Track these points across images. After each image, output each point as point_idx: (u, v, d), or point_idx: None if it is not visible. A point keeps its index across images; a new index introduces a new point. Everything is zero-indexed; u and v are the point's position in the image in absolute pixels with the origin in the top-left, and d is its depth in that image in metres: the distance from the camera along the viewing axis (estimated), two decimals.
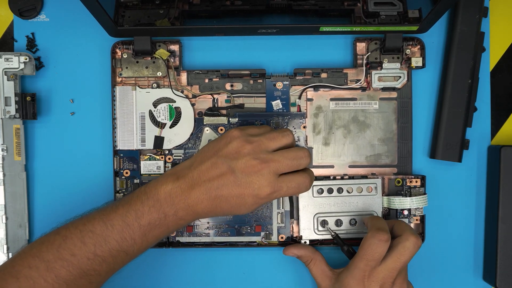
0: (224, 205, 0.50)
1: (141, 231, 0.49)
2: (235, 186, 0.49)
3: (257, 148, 0.50)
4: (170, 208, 0.49)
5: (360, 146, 0.59)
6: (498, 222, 0.57)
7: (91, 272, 0.48)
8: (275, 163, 0.50)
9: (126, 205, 0.49)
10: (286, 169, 0.50)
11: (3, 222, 0.57)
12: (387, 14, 0.57)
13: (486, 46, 0.60)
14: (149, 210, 0.49)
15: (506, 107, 0.61)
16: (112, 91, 0.58)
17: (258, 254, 0.60)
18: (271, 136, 0.51)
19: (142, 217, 0.49)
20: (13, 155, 0.58)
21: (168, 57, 0.58)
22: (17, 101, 0.57)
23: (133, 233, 0.49)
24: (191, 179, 0.50)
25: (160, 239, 0.51)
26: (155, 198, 0.49)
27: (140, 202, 0.49)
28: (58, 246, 0.48)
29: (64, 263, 0.47)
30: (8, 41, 0.60)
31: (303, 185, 0.51)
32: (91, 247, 0.48)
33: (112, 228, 0.48)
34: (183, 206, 0.49)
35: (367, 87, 0.59)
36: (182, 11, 0.58)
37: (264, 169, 0.49)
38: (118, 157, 0.58)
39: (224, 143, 0.51)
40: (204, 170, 0.50)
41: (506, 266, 0.57)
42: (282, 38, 0.60)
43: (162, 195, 0.49)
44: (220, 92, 0.59)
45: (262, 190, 0.49)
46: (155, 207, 0.49)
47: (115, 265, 0.49)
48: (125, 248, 0.49)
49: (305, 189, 0.52)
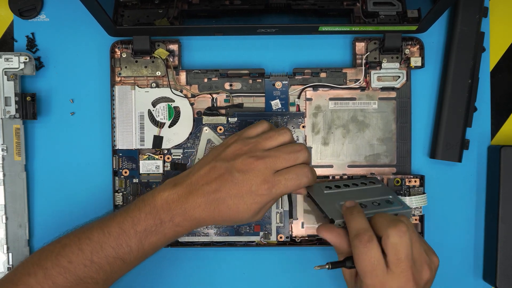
0: (223, 208, 0.49)
1: (137, 237, 0.48)
2: (232, 185, 0.49)
3: (254, 148, 0.50)
4: (166, 214, 0.49)
5: (359, 146, 0.59)
6: (498, 222, 0.57)
7: (88, 280, 0.48)
8: (271, 159, 0.49)
9: (123, 213, 0.50)
10: (283, 163, 0.50)
11: (3, 222, 0.58)
12: (386, 14, 0.57)
13: (486, 46, 0.60)
14: (146, 217, 0.49)
15: (506, 107, 0.61)
16: (111, 90, 0.58)
17: (257, 254, 0.60)
18: (268, 135, 0.51)
19: (139, 224, 0.49)
20: (13, 155, 0.58)
21: (167, 56, 0.58)
22: (17, 101, 0.57)
23: (129, 239, 0.48)
24: (189, 185, 0.50)
25: (158, 248, 0.51)
26: (152, 205, 0.49)
27: (137, 209, 0.49)
28: (57, 253, 0.48)
29: (61, 270, 0.47)
30: (8, 41, 0.60)
31: (303, 175, 0.50)
32: (88, 254, 0.48)
33: (109, 235, 0.48)
34: (179, 212, 0.49)
35: (366, 86, 0.59)
36: (181, 10, 0.58)
37: (260, 165, 0.49)
38: (117, 156, 0.59)
39: (223, 148, 0.51)
40: (203, 175, 0.50)
41: (506, 266, 0.57)
42: (281, 38, 0.60)
43: (159, 201, 0.49)
44: (219, 91, 0.59)
45: (259, 186, 0.48)
46: (152, 214, 0.49)
47: (112, 273, 0.49)
48: (121, 255, 0.48)
49: (306, 179, 0.50)
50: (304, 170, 0.50)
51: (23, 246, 0.58)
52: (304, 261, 0.60)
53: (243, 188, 0.49)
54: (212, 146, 0.59)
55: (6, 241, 0.58)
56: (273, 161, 0.49)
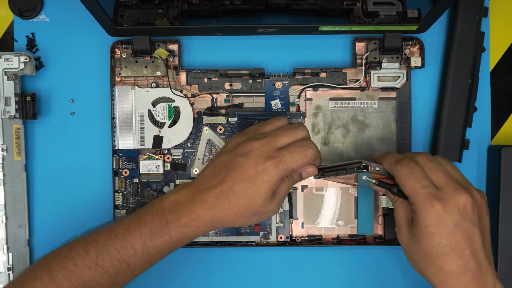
0: (232, 198, 0.47)
1: (141, 239, 0.48)
2: (237, 170, 0.47)
3: (254, 133, 0.50)
4: (172, 214, 0.48)
5: (359, 145, 0.59)
6: (498, 222, 0.57)
7: (93, 284, 0.47)
8: (271, 137, 0.49)
9: (131, 216, 0.50)
10: (284, 139, 0.49)
11: (3, 222, 0.57)
12: (386, 14, 0.57)
13: (486, 46, 0.60)
14: (152, 218, 0.48)
15: (506, 107, 0.61)
16: (111, 90, 0.58)
17: (257, 254, 0.60)
18: (265, 122, 0.52)
19: (144, 225, 0.48)
20: (13, 155, 0.58)
21: (167, 56, 0.58)
22: (17, 101, 0.57)
23: (134, 241, 0.48)
24: (196, 185, 0.49)
25: (163, 252, 0.49)
26: (159, 207, 0.49)
27: (144, 212, 0.49)
28: (64, 256, 0.48)
29: (66, 273, 0.47)
30: (8, 41, 0.60)
31: (306, 146, 0.48)
32: (93, 256, 0.47)
33: (115, 237, 0.48)
34: (186, 212, 0.48)
35: (366, 86, 0.59)
36: (181, 10, 0.58)
37: (260, 144, 0.48)
38: (117, 156, 0.59)
39: (224, 146, 0.52)
40: (209, 173, 0.50)
41: (506, 266, 0.57)
42: (281, 38, 0.60)
43: (166, 204, 0.49)
44: (219, 91, 0.59)
45: (264, 163, 0.47)
46: (158, 215, 0.48)
47: (117, 278, 0.48)
48: (126, 258, 0.48)
49: (311, 150, 0.49)
50: (306, 142, 0.49)
51: (23, 246, 0.58)
52: (304, 261, 0.60)
53: (249, 170, 0.47)
54: (212, 146, 0.59)
55: (6, 241, 0.58)
56: (273, 139, 0.48)
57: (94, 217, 0.59)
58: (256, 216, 0.49)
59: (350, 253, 0.60)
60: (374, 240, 0.59)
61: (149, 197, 0.59)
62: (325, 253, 0.59)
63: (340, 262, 0.60)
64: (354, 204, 0.59)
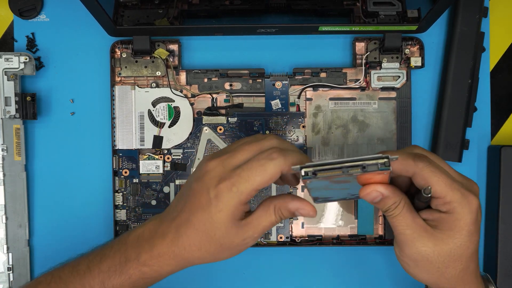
0: (191, 232, 0.41)
1: (100, 277, 0.43)
2: (193, 199, 0.41)
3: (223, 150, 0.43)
4: (133, 250, 0.42)
5: (359, 145, 0.59)
6: (498, 222, 0.57)
7: None
8: (227, 154, 0.41)
9: (97, 250, 0.45)
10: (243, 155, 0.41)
11: (3, 222, 0.57)
12: (386, 13, 0.57)
13: (486, 46, 0.60)
14: (114, 255, 0.43)
15: (506, 107, 0.61)
16: (111, 90, 0.58)
17: (257, 254, 0.60)
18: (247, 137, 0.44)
19: (105, 261, 0.43)
20: (13, 155, 0.58)
21: (167, 56, 0.58)
22: (17, 101, 0.57)
23: (92, 279, 0.43)
24: (161, 217, 0.43)
25: None
26: (123, 242, 0.44)
27: (110, 246, 0.44)
28: None
29: None
30: (8, 41, 0.60)
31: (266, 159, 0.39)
32: None
33: (77, 273, 0.44)
34: (147, 248, 0.42)
35: (366, 86, 0.59)
36: (181, 10, 0.58)
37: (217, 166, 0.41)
38: (117, 156, 0.59)
39: None
40: (174, 203, 0.44)
41: (506, 266, 0.56)
42: (281, 38, 0.60)
43: (130, 238, 0.43)
44: (219, 91, 0.59)
45: (216, 188, 0.39)
46: (120, 251, 0.43)
47: None
48: None
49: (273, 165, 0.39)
50: (266, 153, 0.39)
51: (23, 246, 0.58)
52: (304, 261, 0.60)
53: (202, 198, 0.40)
54: (212, 146, 0.59)
55: (6, 241, 0.58)
56: (230, 156, 0.40)
57: (94, 217, 0.59)
58: (227, 250, 0.41)
59: (350, 253, 0.60)
60: (374, 240, 0.59)
61: (149, 197, 0.59)
62: (325, 253, 0.59)
63: (340, 262, 0.60)
64: (354, 204, 0.59)
